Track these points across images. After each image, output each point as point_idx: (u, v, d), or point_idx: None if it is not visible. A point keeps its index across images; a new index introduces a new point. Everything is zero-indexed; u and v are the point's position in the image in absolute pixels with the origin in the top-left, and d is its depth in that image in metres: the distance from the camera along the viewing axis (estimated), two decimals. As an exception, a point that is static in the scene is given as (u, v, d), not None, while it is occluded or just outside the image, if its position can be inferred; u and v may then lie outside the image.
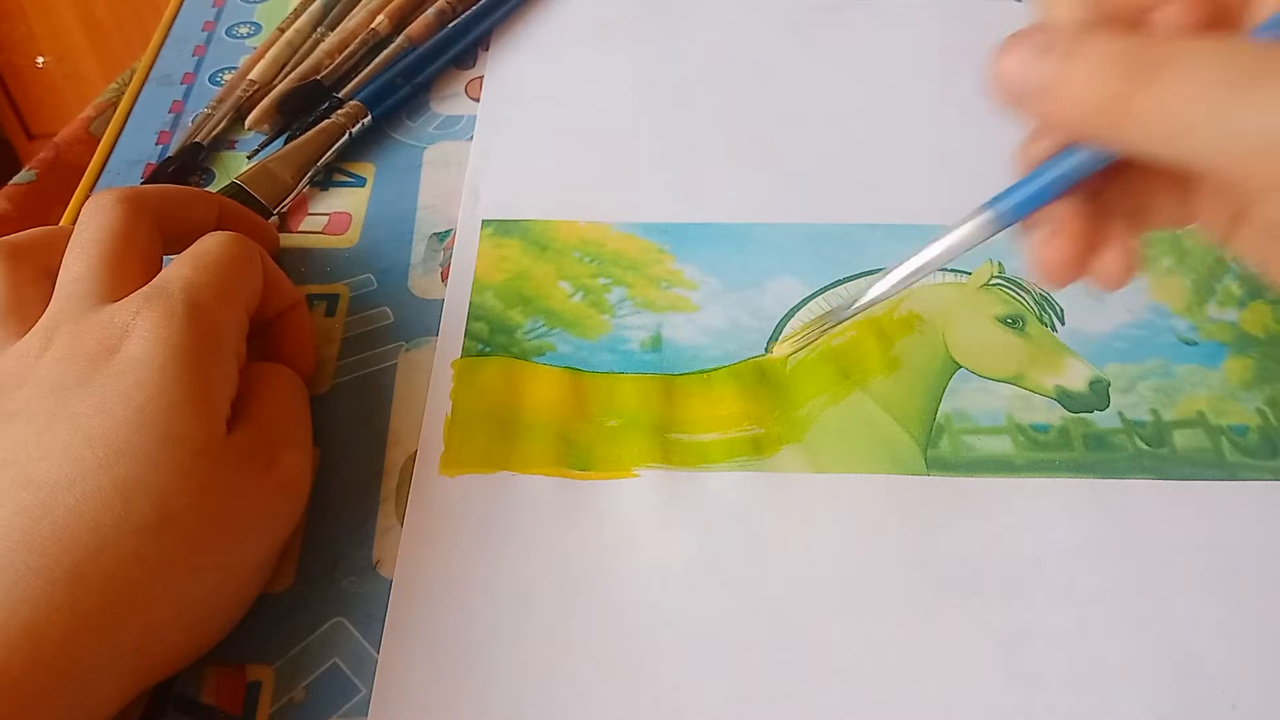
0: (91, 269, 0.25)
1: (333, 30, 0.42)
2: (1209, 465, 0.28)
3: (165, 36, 0.43)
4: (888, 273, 0.25)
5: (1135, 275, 0.22)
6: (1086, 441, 0.28)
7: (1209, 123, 0.17)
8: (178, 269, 0.25)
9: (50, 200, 0.38)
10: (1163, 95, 0.18)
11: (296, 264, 0.33)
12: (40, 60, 1.25)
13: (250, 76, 0.39)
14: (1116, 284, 0.22)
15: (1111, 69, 0.18)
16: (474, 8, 0.42)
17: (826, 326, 0.27)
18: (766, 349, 0.31)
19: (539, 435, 0.29)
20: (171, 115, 0.39)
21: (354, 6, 0.43)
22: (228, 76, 0.40)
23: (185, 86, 0.41)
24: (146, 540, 0.21)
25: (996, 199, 0.22)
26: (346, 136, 0.36)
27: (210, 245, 0.26)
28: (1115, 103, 0.18)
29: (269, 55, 0.40)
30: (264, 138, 0.37)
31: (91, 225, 0.26)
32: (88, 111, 0.42)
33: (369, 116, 0.37)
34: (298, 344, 0.29)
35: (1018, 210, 0.22)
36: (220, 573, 0.23)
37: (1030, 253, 0.22)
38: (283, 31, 0.41)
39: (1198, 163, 0.18)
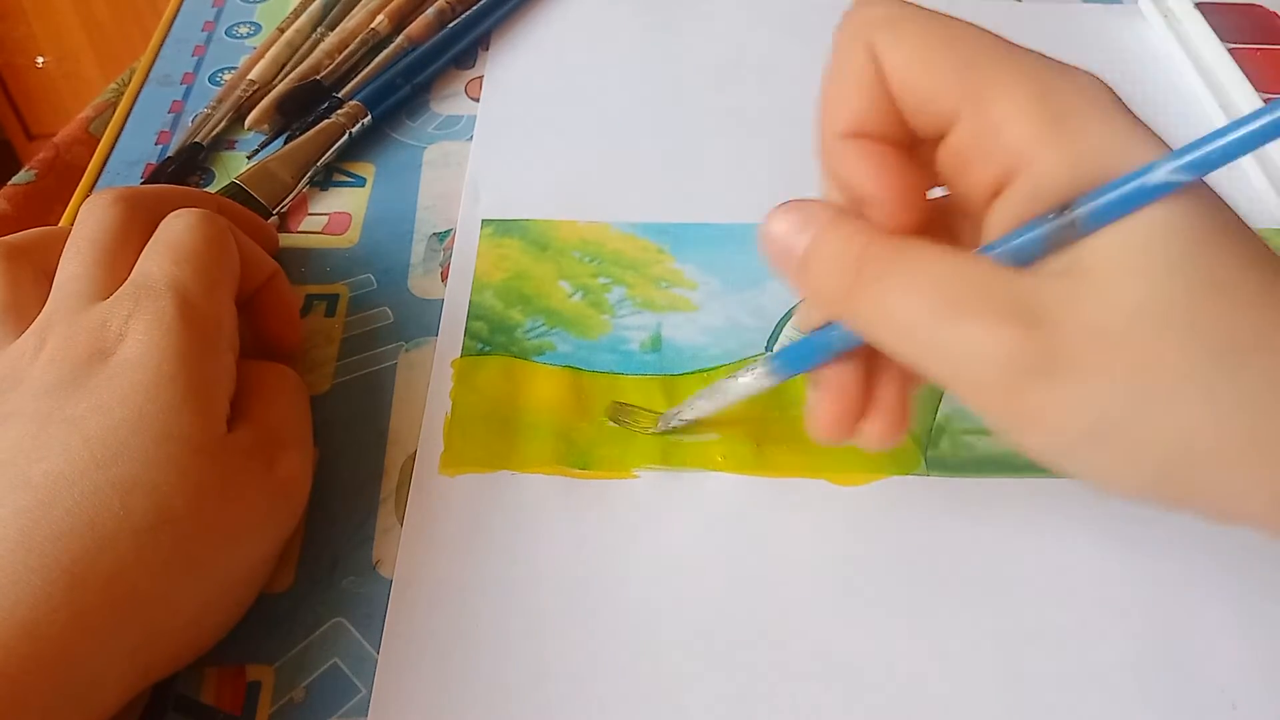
0: (86, 268, 0.25)
1: (333, 30, 0.42)
2: (1209, 465, 0.28)
3: (165, 36, 0.43)
4: (689, 404, 0.28)
5: (898, 439, 0.23)
6: (1087, 441, 0.28)
7: (914, 336, 0.19)
8: (159, 263, 0.25)
9: (50, 200, 0.38)
10: (880, 300, 0.19)
11: (296, 264, 0.33)
12: (40, 60, 1.25)
13: (250, 76, 0.39)
14: (881, 445, 0.23)
15: (844, 264, 0.20)
16: (474, 8, 0.42)
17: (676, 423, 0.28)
18: (767, 348, 0.31)
19: (539, 435, 0.29)
20: (171, 115, 0.39)
21: (354, 6, 0.43)
22: (227, 76, 0.40)
23: (185, 86, 0.41)
24: (145, 540, 0.21)
25: (776, 355, 0.25)
26: (346, 136, 0.36)
27: (183, 232, 0.26)
28: (843, 295, 0.20)
29: (269, 55, 0.40)
30: (264, 138, 0.37)
31: (88, 225, 0.26)
32: (87, 111, 0.42)
33: (369, 116, 0.37)
34: (282, 315, 0.29)
35: (790, 368, 0.24)
36: (219, 572, 0.23)
37: (808, 410, 0.24)
38: (283, 31, 0.41)
39: (911, 365, 0.20)
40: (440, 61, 0.40)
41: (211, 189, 0.36)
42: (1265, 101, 0.37)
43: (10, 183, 0.39)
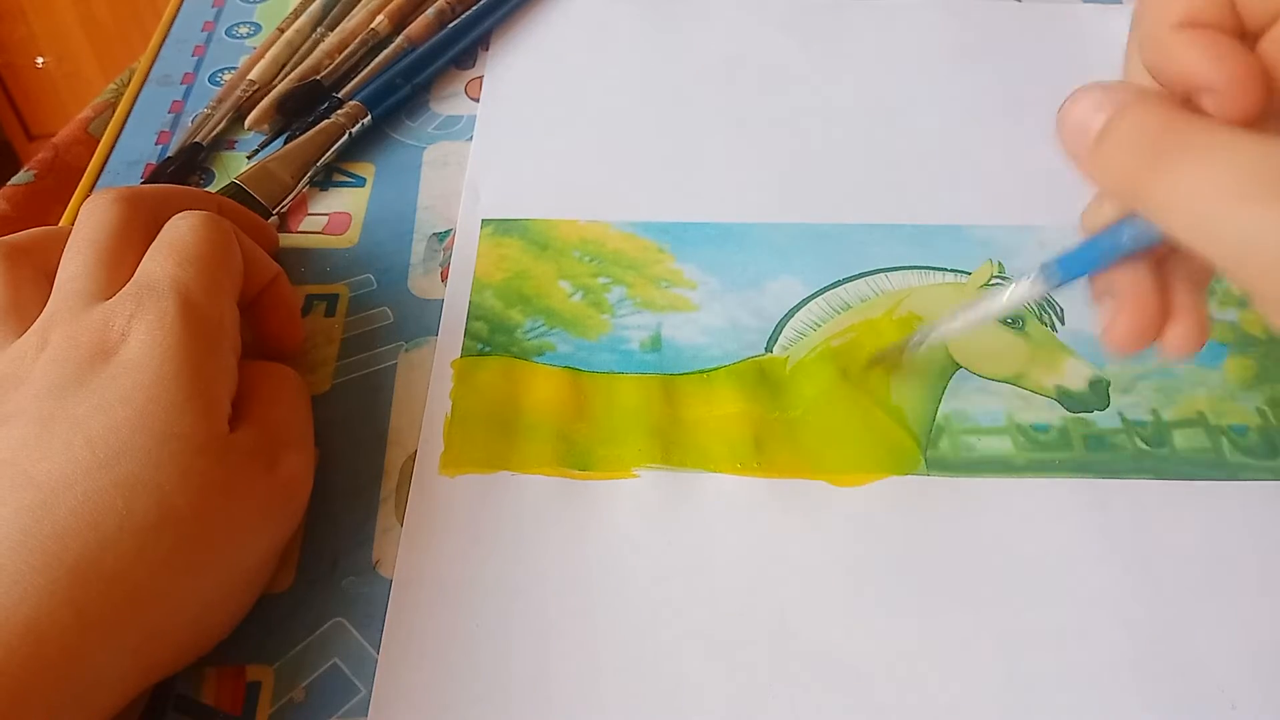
0: (87, 268, 0.25)
1: (332, 30, 0.42)
2: (1209, 465, 0.28)
3: (165, 37, 0.43)
4: (948, 319, 0.26)
5: (1205, 342, 0.22)
6: (1086, 441, 0.28)
7: (1215, 222, 0.17)
8: (161, 264, 0.25)
9: (49, 201, 0.38)
10: (1178, 181, 0.18)
11: (296, 264, 0.33)
12: (40, 60, 1.25)
13: (250, 76, 0.39)
14: (1186, 352, 0.22)
15: (1141, 141, 0.18)
16: (474, 8, 0.42)
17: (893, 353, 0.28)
18: (767, 349, 0.31)
19: (539, 435, 0.29)
20: (171, 115, 0.39)
21: (354, 6, 0.43)
22: (227, 76, 0.40)
23: (185, 86, 0.41)
24: (148, 540, 0.21)
25: (1058, 259, 0.23)
26: (346, 136, 0.36)
27: (186, 234, 0.26)
28: (1137, 175, 0.18)
29: (269, 55, 0.40)
30: (264, 138, 0.37)
31: (88, 224, 0.26)
32: (87, 112, 0.42)
33: (369, 116, 0.37)
34: (283, 316, 0.29)
35: (1069, 271, 0.23)
36: (221, 572, 0.23)
37: (1100, 323, 0.22)
38: (282, 31, 0.41)
39: (1205, 255, 0.18)
40: (440, 61, 0.40)
41: (211, 189, 0.36)
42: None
43: (10, 183, 0.39)
